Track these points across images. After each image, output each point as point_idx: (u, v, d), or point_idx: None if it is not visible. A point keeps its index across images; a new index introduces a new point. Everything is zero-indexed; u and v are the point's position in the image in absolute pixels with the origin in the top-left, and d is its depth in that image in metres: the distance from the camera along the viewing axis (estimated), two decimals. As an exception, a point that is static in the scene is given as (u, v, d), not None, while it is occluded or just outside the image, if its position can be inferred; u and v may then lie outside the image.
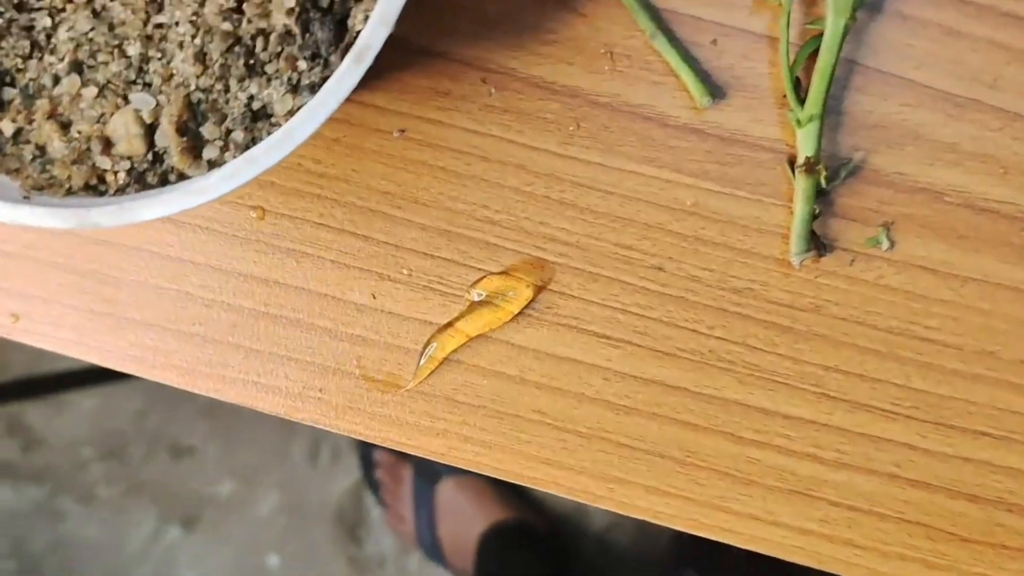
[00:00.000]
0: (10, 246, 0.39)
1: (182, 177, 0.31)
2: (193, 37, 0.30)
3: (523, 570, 1.10)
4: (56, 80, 0.31)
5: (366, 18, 0.30)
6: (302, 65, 0.30)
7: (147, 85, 0.30)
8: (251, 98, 0.30)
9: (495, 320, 0.37)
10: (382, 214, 0.38)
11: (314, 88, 0.30)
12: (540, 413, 0.38)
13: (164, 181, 0.31)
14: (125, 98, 0.30)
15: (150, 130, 0.30)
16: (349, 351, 0.38)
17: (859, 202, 0.37)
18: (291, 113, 0.30)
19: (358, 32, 0.30)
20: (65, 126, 0.31)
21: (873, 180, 0.36)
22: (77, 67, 0.31)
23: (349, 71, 0.27)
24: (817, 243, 0.36)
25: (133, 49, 0.30)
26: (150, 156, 0.30)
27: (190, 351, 0.39)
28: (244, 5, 0.30)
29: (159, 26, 0.30)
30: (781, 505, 0.38)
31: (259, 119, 0.30)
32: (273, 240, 0.38)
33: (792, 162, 0.36)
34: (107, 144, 0.30)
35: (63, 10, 0.31)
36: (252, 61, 0.30)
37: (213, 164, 0.31)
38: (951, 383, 0.37)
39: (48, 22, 0.31)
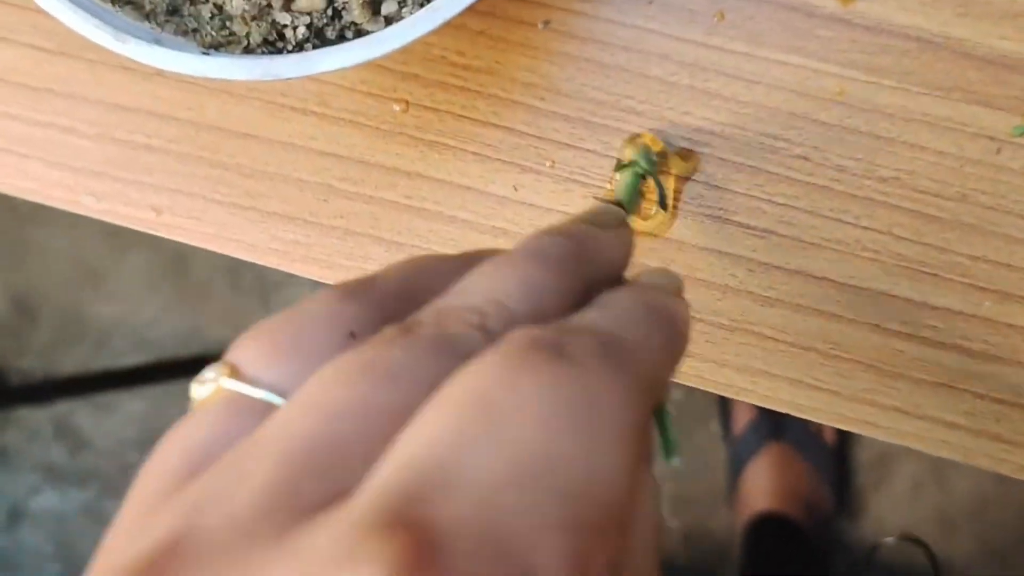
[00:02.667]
0: (155, 140, 0.39)
1: (359, 34, 0.31)
2: None
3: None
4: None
5: None
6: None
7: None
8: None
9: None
10: (525, 106, 0.38)
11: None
12: (683, 304, 0.38)
13: (341, 38, 0.31)
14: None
15: (330, -15, 0.31)
16: (490, 243, 0.38)
17: (1003, 90, 0.37)
18: (466, -29, 0.31)
19: None
20: (245, -16, 0.31)
21: (1018, 68, 0.36)
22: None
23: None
24: None
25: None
26: (329, 12, 0.31)
27: (331, 244, 0.39)
28: None
29: None
30: (927, 398, 0.37)
31: (436, -25, 0.31)
32: (416, 132, 0.38)
33: None
34: (287, 0, 0.31)
35: None
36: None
37: (390, 20, 0.31)
38: (1100, 273, 0.37)
39: None
